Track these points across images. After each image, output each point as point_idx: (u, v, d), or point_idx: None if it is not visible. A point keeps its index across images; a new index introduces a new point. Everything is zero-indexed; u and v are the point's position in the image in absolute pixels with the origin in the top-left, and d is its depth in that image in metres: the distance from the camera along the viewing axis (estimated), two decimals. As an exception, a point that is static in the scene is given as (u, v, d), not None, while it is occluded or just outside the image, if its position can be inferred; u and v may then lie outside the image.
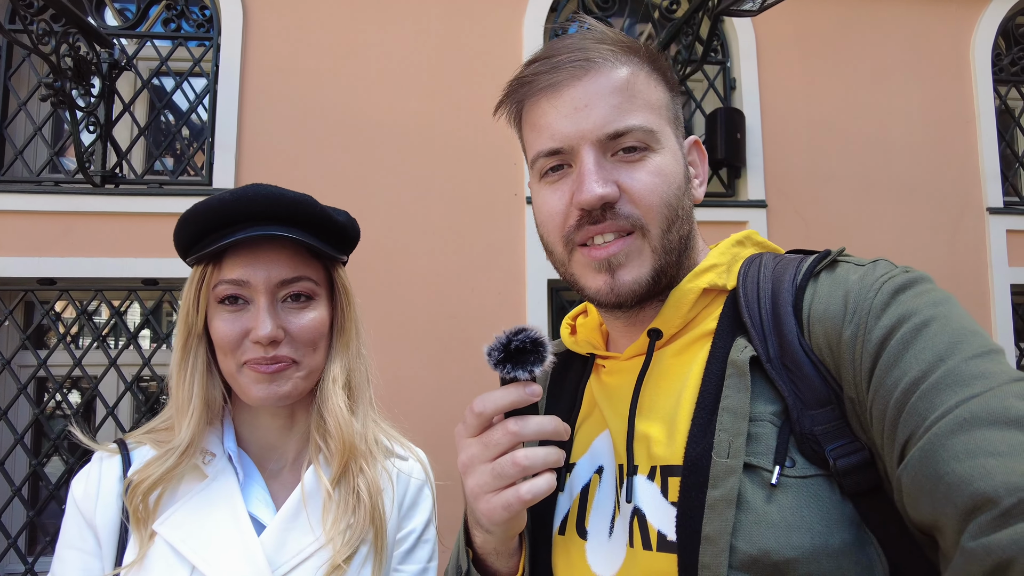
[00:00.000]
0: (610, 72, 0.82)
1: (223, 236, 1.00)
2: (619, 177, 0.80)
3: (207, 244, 1.01)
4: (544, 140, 0.83)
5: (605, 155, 0.81)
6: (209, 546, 0.98)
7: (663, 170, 0.81)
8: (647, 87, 0.83)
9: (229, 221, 1.00)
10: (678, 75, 3.47)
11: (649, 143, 0.81)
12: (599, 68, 0.82)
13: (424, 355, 3.42)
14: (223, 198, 1.00)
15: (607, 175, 0.80)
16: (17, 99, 3.55)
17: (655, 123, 0.82)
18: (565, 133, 0.81)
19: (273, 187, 1.02)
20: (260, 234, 0.99)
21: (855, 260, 0.77)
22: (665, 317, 0.85)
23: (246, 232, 0.99)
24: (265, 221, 1.00)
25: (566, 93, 0.81)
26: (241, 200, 0.99)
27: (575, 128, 0.80)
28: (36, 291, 3.43)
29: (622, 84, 0.81)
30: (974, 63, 4.05)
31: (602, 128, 0.80)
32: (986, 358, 0.62)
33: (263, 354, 1.01)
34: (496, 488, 0.73)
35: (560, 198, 0.83)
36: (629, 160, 0.81)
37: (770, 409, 0.72)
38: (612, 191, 0.79)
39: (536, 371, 0.72)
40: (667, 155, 0.83)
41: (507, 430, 0.72)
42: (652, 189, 0.80)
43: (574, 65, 0.82)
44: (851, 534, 0.65)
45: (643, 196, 0.80)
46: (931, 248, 3.87)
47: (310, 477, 1.07)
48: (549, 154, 0.83)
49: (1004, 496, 0.52)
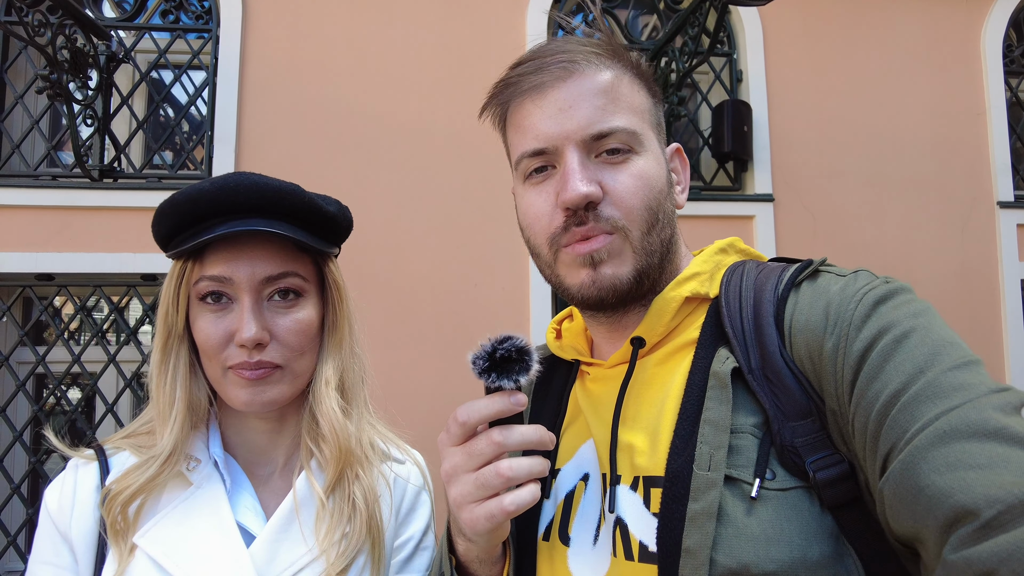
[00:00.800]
0: (595, 75, 0.83)
1: (203, 230, 0.93)
2: (602, 178, 0.81)
3: (186, 238, 0.95)
4: (528, 141, 0.84)
5: (589, 156, 0.81)
6: (194, 559, 0.93)
7: (645, 173, 0.82)
8: (631, 91, 0.85)
9: (210, 213, 0.93)
10: (684, 68, 3.42)
11: (632, 145, 0.82)
12: (583, 70, 0.82)
13: (426, 354, 3.38)
14: (203, 188, 0.92)
15: (591, 175, 0.80)
16: (14, 92, 3.51)
17: (638, 126, 0.83)
18: (549, 133, 0.81)
19: (257, 175, 0.95)
20: (242, 230, 0.93)
21: (836, 270, 0.78)
22: (648, 325, 0.85)
23: (227, 227, 0.92)
24: (249, 213, 0.94)
25: (551, 94, 0.82)
26: (223, 190, 0.93)
27: (559, 128, 0.81)
28: (34, 287, 3.40)
29: (606, 86, 0.82)
30: (985, 55, 3.99)
31: (586, 129, 0.80)
32: (965, 369, 0.63)
33: (247, 358, 0.95)
34: (479, 498, 0.72)
35: (545, 199, 0.84)
36: (612, 162, 0.82)
37: (751, 421, 0.72)
38: (596, 190, 0.79)
39: (522, 380, 0.72)
40: (650, 159, 0.84)
41: (491, 440, 0.72)
42: (634, 191, 0.81)
43: (559, 67, 0.82)
44: (830, 546, 0.66)
45: (625, 198, 0.81)
46: (941, 242, 3.82)
47: (302, 484, 1.02)
48: (533, 155, 0.84)
49: (984, 508, 0.53)
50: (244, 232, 0.94)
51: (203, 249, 0.97)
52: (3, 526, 3.20)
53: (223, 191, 0.93)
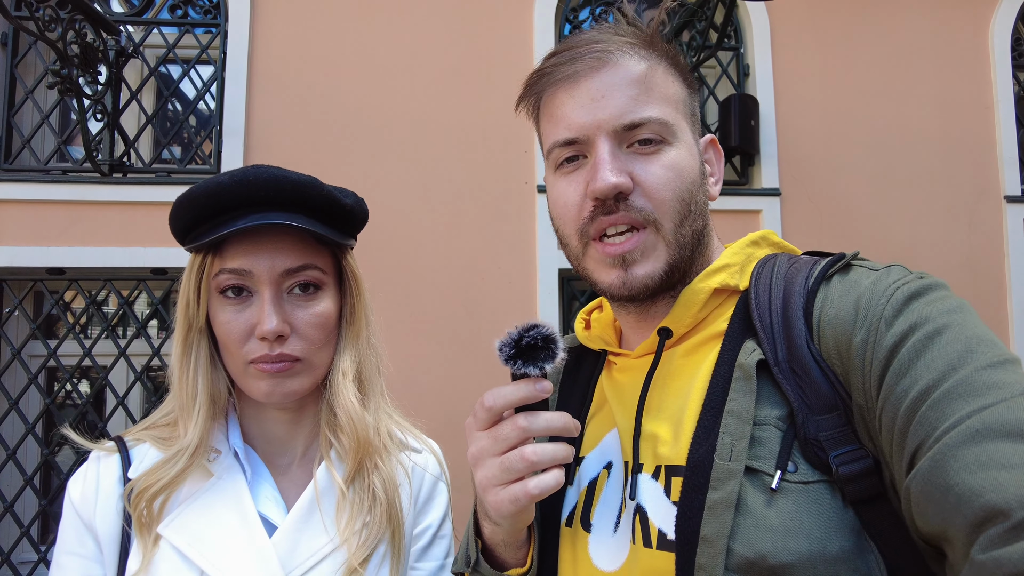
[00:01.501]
0: (628, 64, 0.82)
1: (223, 223, 0.94)
2: (633, 169, 0.80)
3: (205, 231, 0.95)
4: (560, 130, 0.83)
5: (620, 146, 0.81)
6: (218, 549, 0.94)
7: (678, 164, 0.82)
8: (664, 81, 0.84)
9: (229, 206, 0.94)
10: (691, 61, 3.42)
11: (665, 136, 0.81)
12: (617, 60, 0.82)
13: (435, 345, 3.40)
14: (221, 181, 0.93)
15: (622, 165, 0.80)
16: (24, 87, 3.53)
17: (671, 116, 0.82)
18: (581, 123, 0.81)
19: (275, 169, 0.95)
20: (263, 224, 0.93)
21: (869, 264, 0.77)
22: (675, 316, 0.85)
23: (248, 221, 0.93)
24: (267, 206, 0.94)
25: (584, 84, 0.82)
26: (241, 184, 0.93)
27: (591, 118, 0.81)
28: (45, 281, 3.42)
29: (640, 76, 0.82)
30: (993, 49, 3.97)
31: (618, 119, 0.80)
32: (1000, 368, 0.61)
33: (268, 351, 0.96)
34: (504, 482, 0.73)
35: (575, 189, 0.83)
36: (644, 152, 0.81)
37: (775, 413, 0.72)
38: (626, 181, 0.79)
39: (547, 368, 0.72)
40: (682, 149, 0.83)
41: (516, 425, 0.73)
42: (666, 183, 0.80)
43: (593, 56, 0.82)
44: (850, 541, 0.65)
45: (656, 189, 0.80)
46: (947, 237, 3.82)
47: (323, 473, 1.03)
48: (564, 144, 0.83)
49: (1016, 509, 0.52)
50: (264, 225, 0.94)
51: (222, 242, 0.98)
52: (16, 517, 3.23)
53: (242, 184, 0.93)
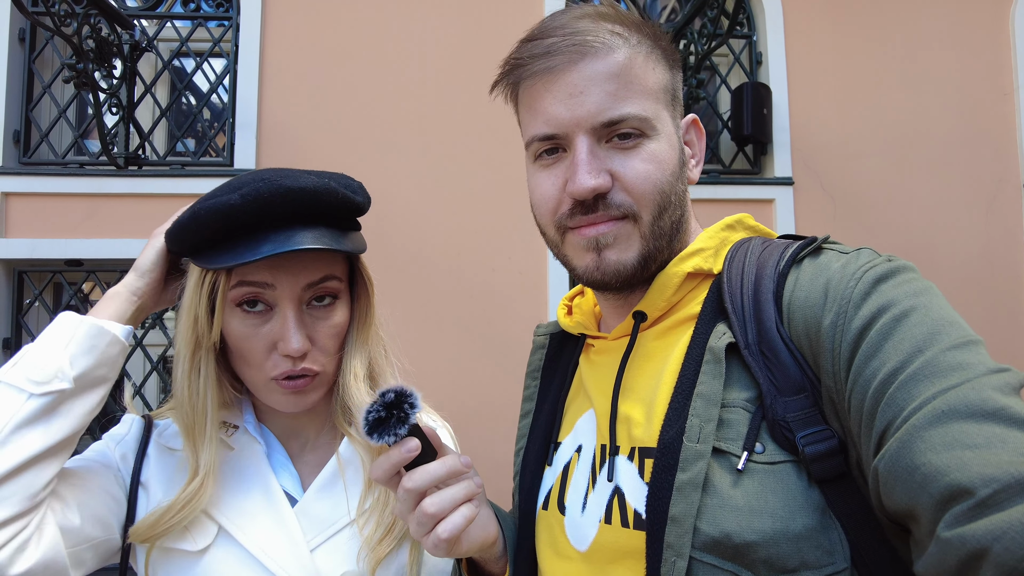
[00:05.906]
0: (607, 56, 0.81)
1: (242, 243, 0.89)
2: (612, 165, 0.81)
3: (223, 252, 0.90)
4: (539, 125, 0.83)
5: (599, 142, 0.81)
6: (244, 514, 0.97)
7: (657, 156, 0.82)
8: (645, 69, 0.83)
9: (246, 227, 0.90)
10: (702, 50, 3.39)
11: (644, 130, 0.81)
12: (596, 52, 0.81)
13: (444, 334, 3.42)
14: (232, 202, 0.87)
15: (600, 164, 0.80)
16: (41, 82, 3.58)
17: (651, 110, 0.82)
18: (560, 119, 0.81)
19: (285, 177, 0.90)
20: (287, 251, 0.89)
21: (839, 248, 0.77)
22: (650, 300, 0.86)
23: (273, 244, 0.89)
24: (285, 223, 0.90)
25: (562, 78, 0.81)
26: (256, 202, 0.87)
27: (570, 114, 0.80)
28: (64, 272, 3.49)
29: (619, 69, 0.81)
30: (1013, 32, 3.90)
31: (596, 116, 0.80)
32: (964, 349, 0.62)
33: (291, 367, 0.95)
34: (423, 534, 0.79)
35: (553, 183, 0.84)
36: (623, 147, 0.81)
37: (744, 395, 0.73)
38: (604, 182, 0.79)
39: (402, 432, 0.76)
40: (662, 141, 0.83)
41: (404, 488, 0.78)
42: (646, 177, 0.81)
43: (571, 49, 0.81)
44: (814, 519, 0.67)
45: (636, 184, 0.80)
46: (964, 225, 3.76)
47: (346, 447, 1.05)
48: (543, 139, 0.83)
49: (980, 487, 0.53)
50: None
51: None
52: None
53: (256, 203, 0.87)
